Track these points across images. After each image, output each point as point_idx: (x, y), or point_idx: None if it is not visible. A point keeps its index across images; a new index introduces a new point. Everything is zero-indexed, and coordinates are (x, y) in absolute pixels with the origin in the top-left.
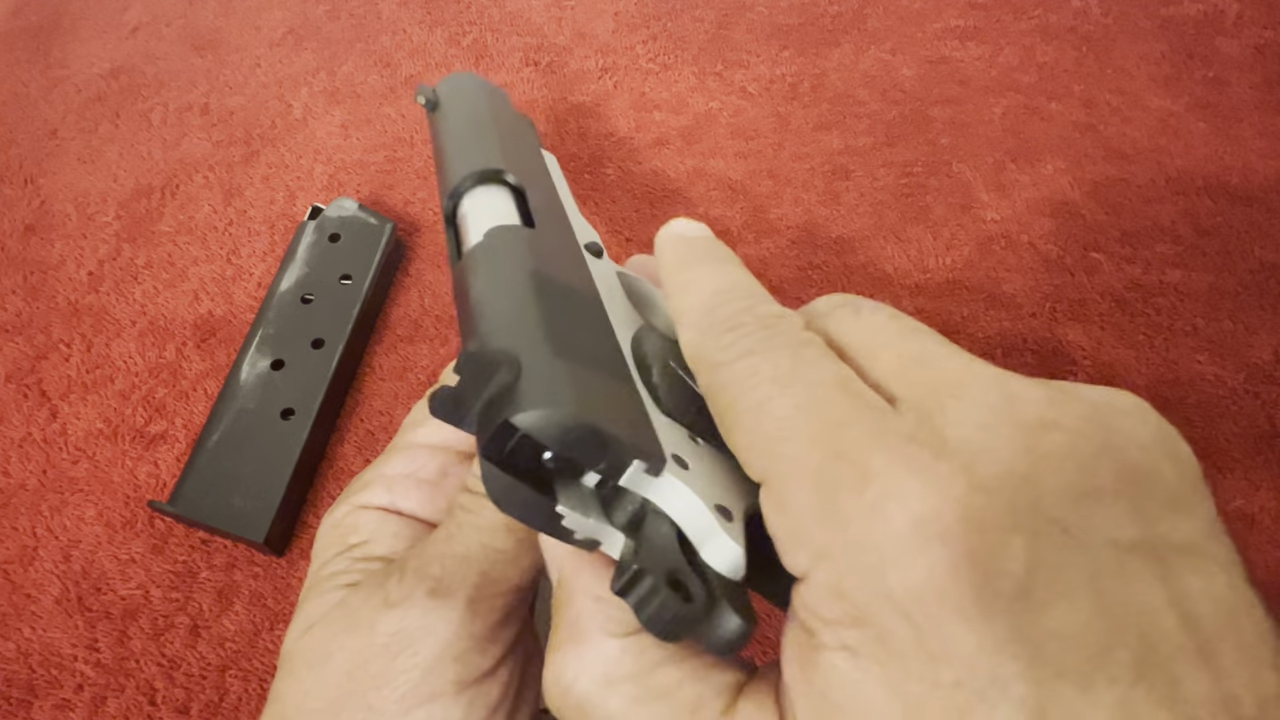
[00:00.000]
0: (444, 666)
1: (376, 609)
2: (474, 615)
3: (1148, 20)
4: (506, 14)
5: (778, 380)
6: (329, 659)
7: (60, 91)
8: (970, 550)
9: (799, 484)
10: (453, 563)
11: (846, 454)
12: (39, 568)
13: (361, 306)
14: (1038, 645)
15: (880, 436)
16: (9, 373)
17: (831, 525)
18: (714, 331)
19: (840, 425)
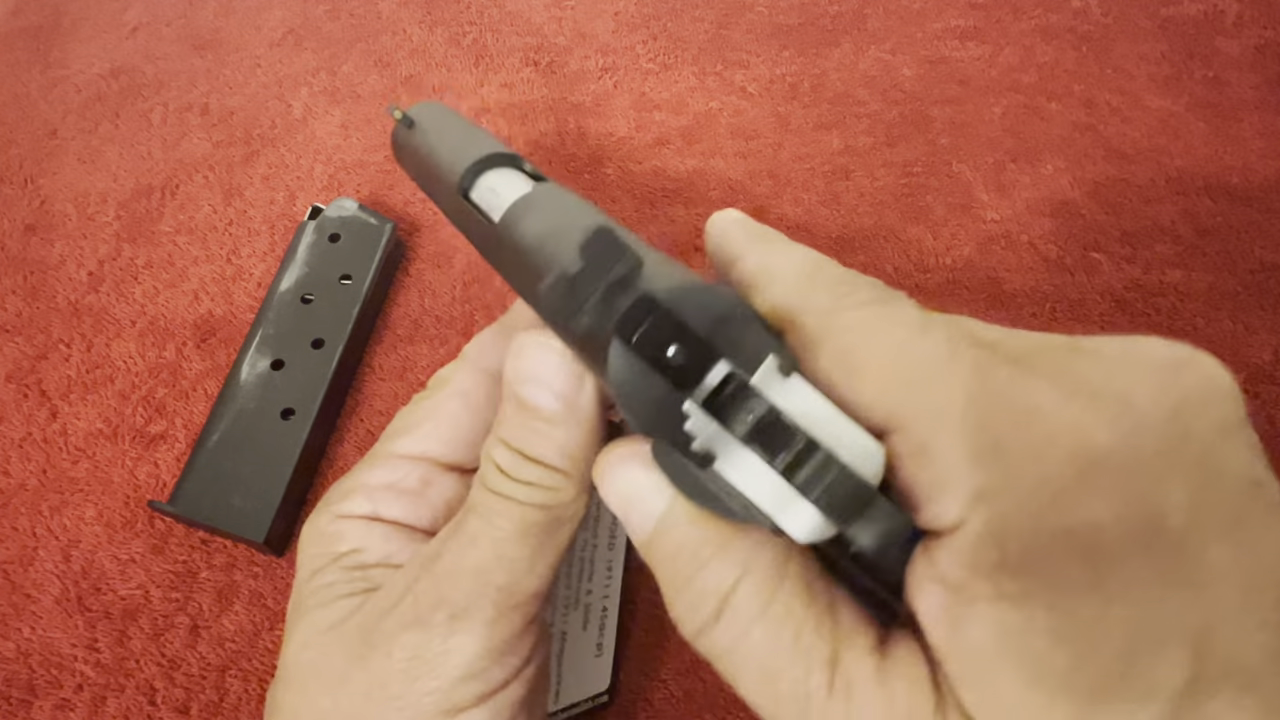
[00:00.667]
0: (465, 685)
1: (392, 632)
2: (494, 633)
3: (1148, 20)
4: (506, 14)
5: (910, 325)
6: (346, 681)
7: (60, 91)
8: (1143, 490)
9: (950, 425)
10: (468, 579)
11: (1004, 393)
12: (39, 568)
13: (361, 306)
14: (1200, 586)
15: (1034, 376)
16: (9, 373)
17: (993, 465)
18: (824, 283)
19: (988, 367)
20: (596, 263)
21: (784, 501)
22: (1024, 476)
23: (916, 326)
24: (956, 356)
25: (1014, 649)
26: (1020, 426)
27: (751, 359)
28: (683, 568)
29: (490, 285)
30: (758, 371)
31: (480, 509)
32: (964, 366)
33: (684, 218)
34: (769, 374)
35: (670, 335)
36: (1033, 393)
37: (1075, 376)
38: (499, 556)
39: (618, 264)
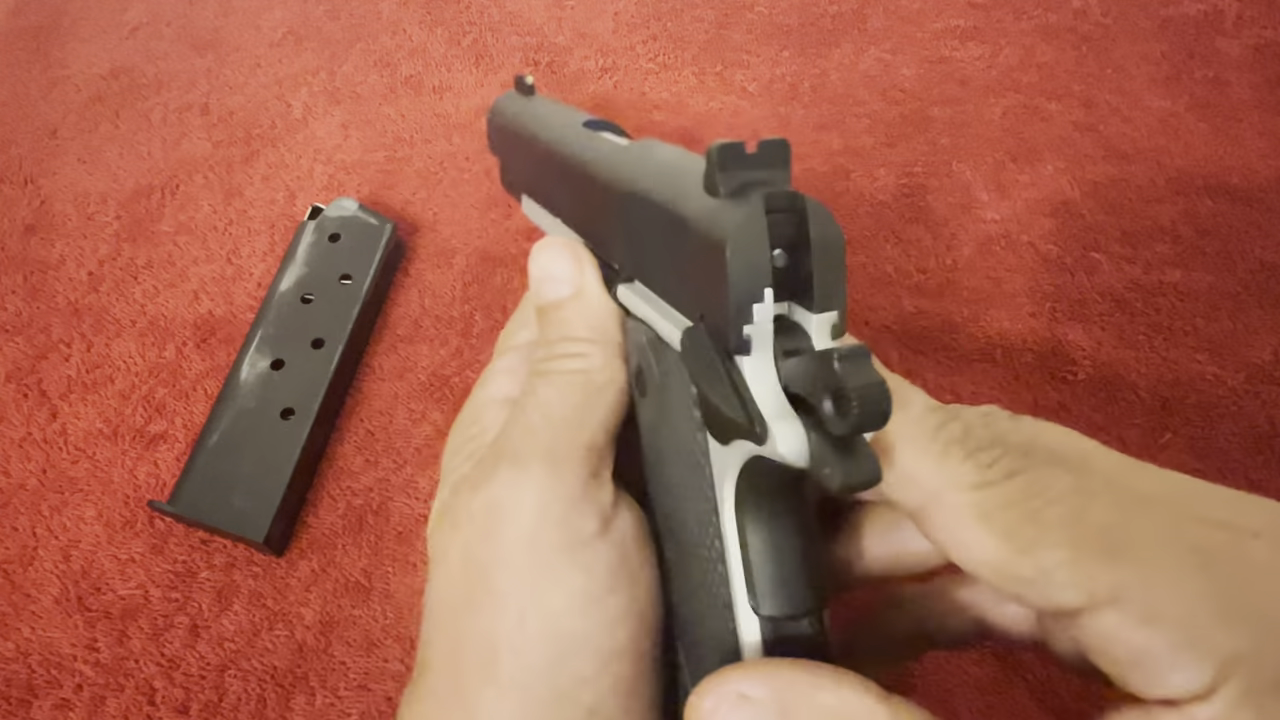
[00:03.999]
0: (546, 532)
1: (469, 496)
2: (556, 476)
3: (1148, 20)
4: (506, 14)
5: (1080, 491)
6: (445, 558)
7: (60, 91)
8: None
9: (1180, 582)
10: (522, 432)
11: (1230, 555)
12: (39, 568)
13: (361, 306)
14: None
15: (1253, 537)
16: (9, 373)
17: (1242, 626)
18: (962, 456)
19: (1204, 530)
20: (766, 155)
21: (783, 415)
22: (1274, 636)
23: (1085, 492)
24: (1156, 511)
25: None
26: (1257, 587)
27: (824, 300)
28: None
29: (489, 285)
30: (819, 318)
31: (528, 387)
32: (1182, 534)
33: None
34: (824, 325)
35: (796, 239)
36: (1258, 552)
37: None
38: (546, 417)
39: (781, 169)
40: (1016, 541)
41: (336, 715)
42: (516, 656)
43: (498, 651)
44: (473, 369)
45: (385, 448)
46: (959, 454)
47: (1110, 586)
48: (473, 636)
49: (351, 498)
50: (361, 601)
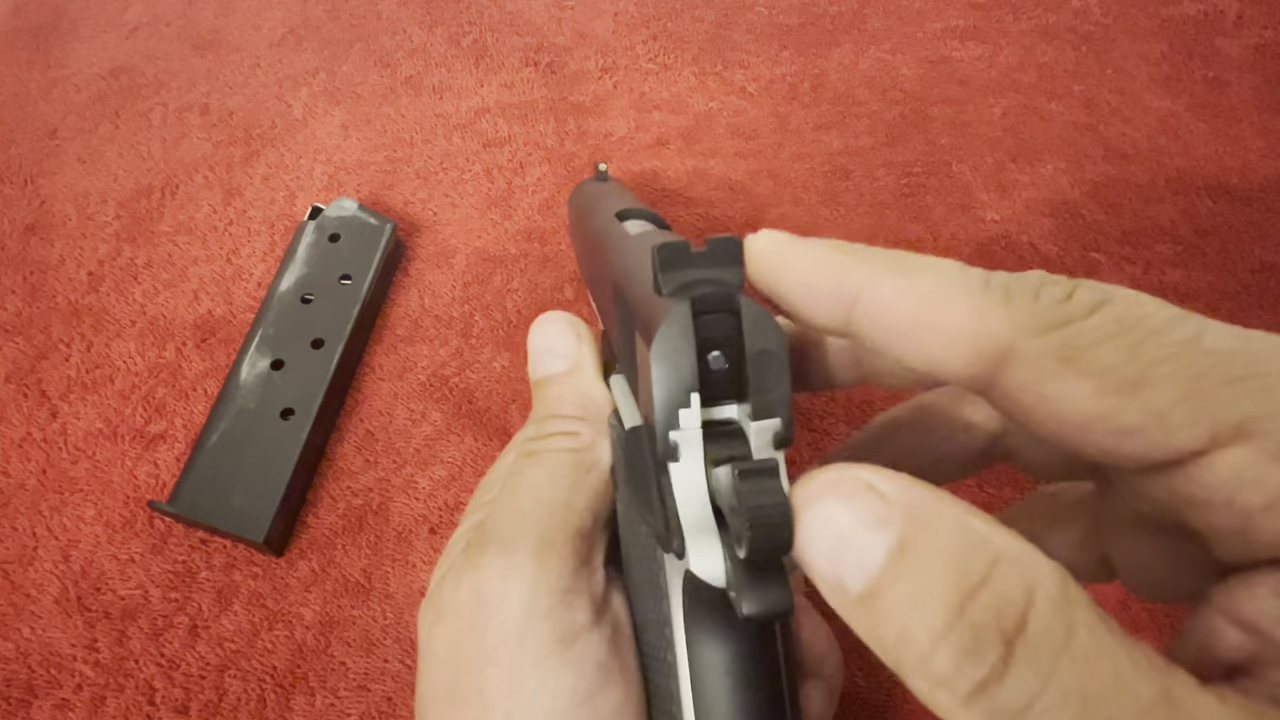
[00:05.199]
0: (533, 626)
1: (453, 588)
2: (544, 566)
3: (1148, 20)
4: (506, 14)
5: (1185, 319)
6: (432, 651)
7: (60, 91)
8: None
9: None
10: (510, 516)
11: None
12: (38, 568)
13: (361, 306)
14: None
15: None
16: (9, 373)
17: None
18: (1029, 298)
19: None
20: (716, 253)
21: (701, 530)
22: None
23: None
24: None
25: None
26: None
27: (771, 408)
28: (940, 601)
29: (489, 286)
30: (757, 425)
31: (515, 468)
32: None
33: (684, 218)
34: (764, 433)
35: (726, 339)
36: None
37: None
38: (535, 500)
39: (731, 267)
40: (1116, 382)
41: (336, 715)
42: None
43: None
44: (473, 369)
45: (385, 448)
46: (1023, 296)
47: (1238, 418)
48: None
49: (351, 498)
50: (361, 601)
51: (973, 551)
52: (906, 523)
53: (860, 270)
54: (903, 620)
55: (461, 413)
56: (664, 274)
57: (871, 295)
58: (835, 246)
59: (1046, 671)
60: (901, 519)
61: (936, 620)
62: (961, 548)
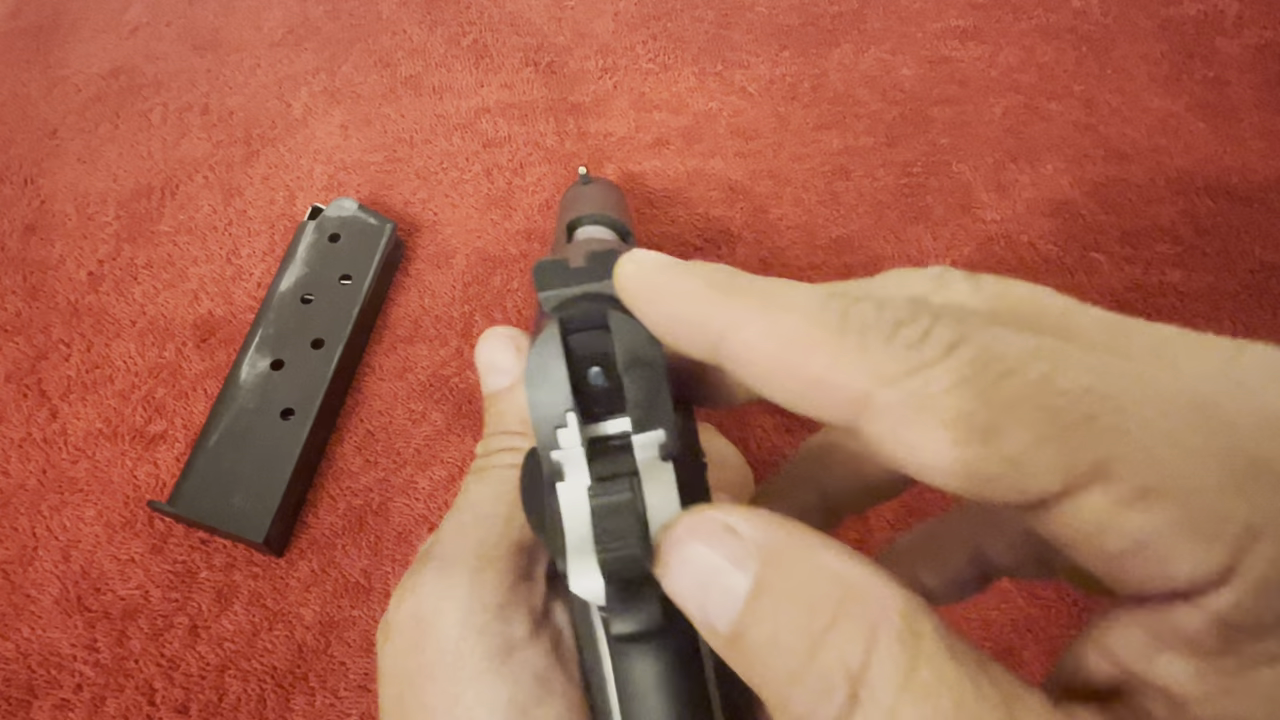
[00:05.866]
0: (470, 642)
1: (395, 607)
2: (480, 581)
3: (1148, 20)
4: (506, 14)
5: (1044, 355)
6: (381, 670)
7: (60, 91)
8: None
9: (1179, 444)
10: (451, 532)
11: (1219, 409)
12: (39, 568)
13: (361, 306)
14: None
15: (1245, 390)
16: (9, 373)
17: (1258, 495)
18: (884, 341)
19: (1190, 373)
20: (592, 266)
21: (582, 550)
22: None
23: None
24: (1167, 380)
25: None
26: (1275, 443)
27: (652, 419)
28: (793, 643)
29: (489, 286)
30: (640, 439)
31: (465, 485)
32: (1178, 390)
33: (684, 218)
34: (649, 446)
35: (603, 355)
36: (1274, 400)
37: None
38: (476, 516)
39: (606, 280)
40: (970, 430)
41: (336, 715)
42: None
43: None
44: (472, 369)
45: (385, 448)
46: (877, 340)
47: (1092, 461)
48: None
49: (351, 498)
50: (361, 601)
51: (822, 592)
52: (762, 563)
53: (725, 310)
54: (764, 661)
55: (461, 413)
56: (541, 292)
57: (735, 337)
58: (706, 279)
59: (888, 711)
60: (758, 560)
61: (791, 663)
62: (811, 588)
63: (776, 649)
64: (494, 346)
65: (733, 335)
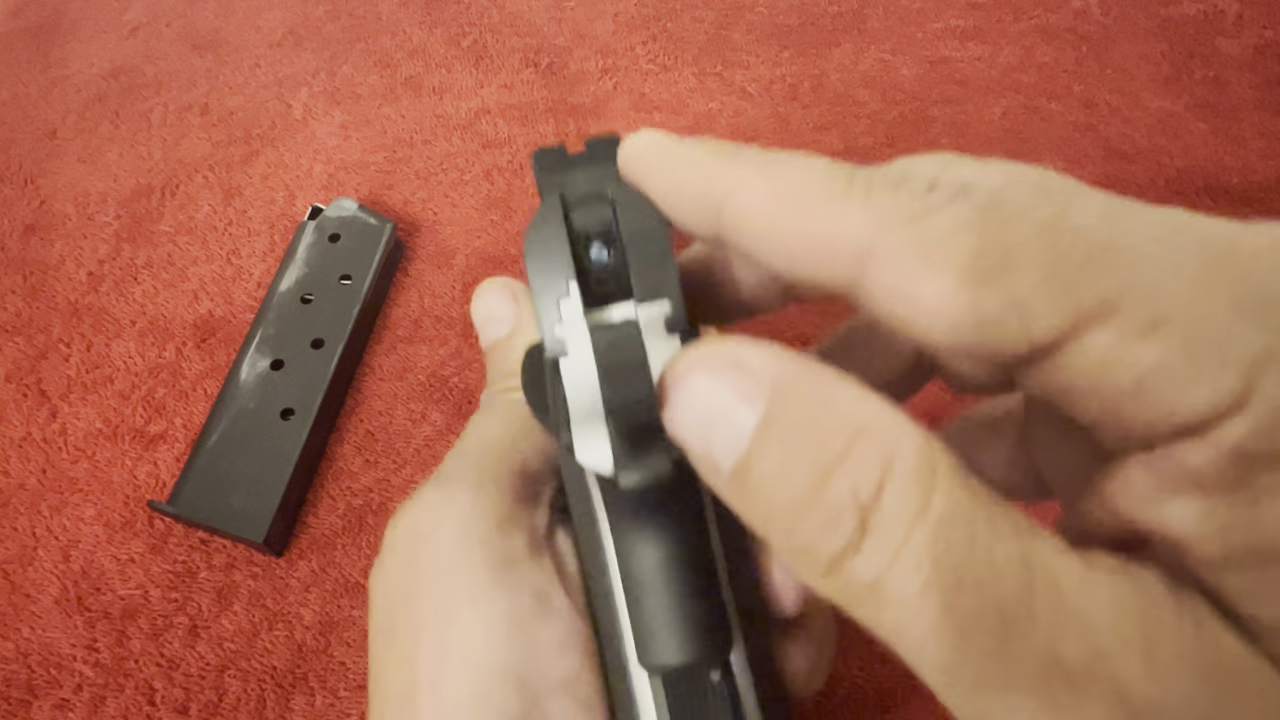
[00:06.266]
0: (469, 551)
1: (393, 527)
2: (481, 494)
3: (1148, 20)
4: (506, 15)
5: (1052, 199)
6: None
7: (60, 91)
8: None
9: (1187, 276)
10: (453, 458)
11: (1227, 241)
12: (38, 568)
13: (361, 306)
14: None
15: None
16: (9, 373)
17: (1268, 320)
18: (890, 191)
19: (1195, 220)
20: (592, 152)
21: (588, 419)
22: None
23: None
24: (1172, 223)
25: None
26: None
27: (649, 290)
28: (802, 476)
29: None
30: (646, 307)
31: (470, 421)
32: (1183, 230)
33: None
34: (655, 318)
35: (604, 229)
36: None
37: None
38: (480, 441)
39: (611, 165)
40: (975, 271)
41: (336, 715)
42: (434, 693)
43: (416, 688)
44: (472, 369)
45: (385, 448)
46: (883, 189)
47: (1100, 297)
48: (392, 674)
49: (351, 498)
50: (361, 601)
51: (835, 423)
52: (772, 397)
53: (728, 173)
54: (769, 495)
55: (461, 413)
56: (541, 176)
57: (736, 199)
58: (709, 148)
59: (898, 541)
60: (768, 393)
61: (799, 495)
62: (824, 420)
63: (783, 482)
64: (490, 297)
65: (735, 198)
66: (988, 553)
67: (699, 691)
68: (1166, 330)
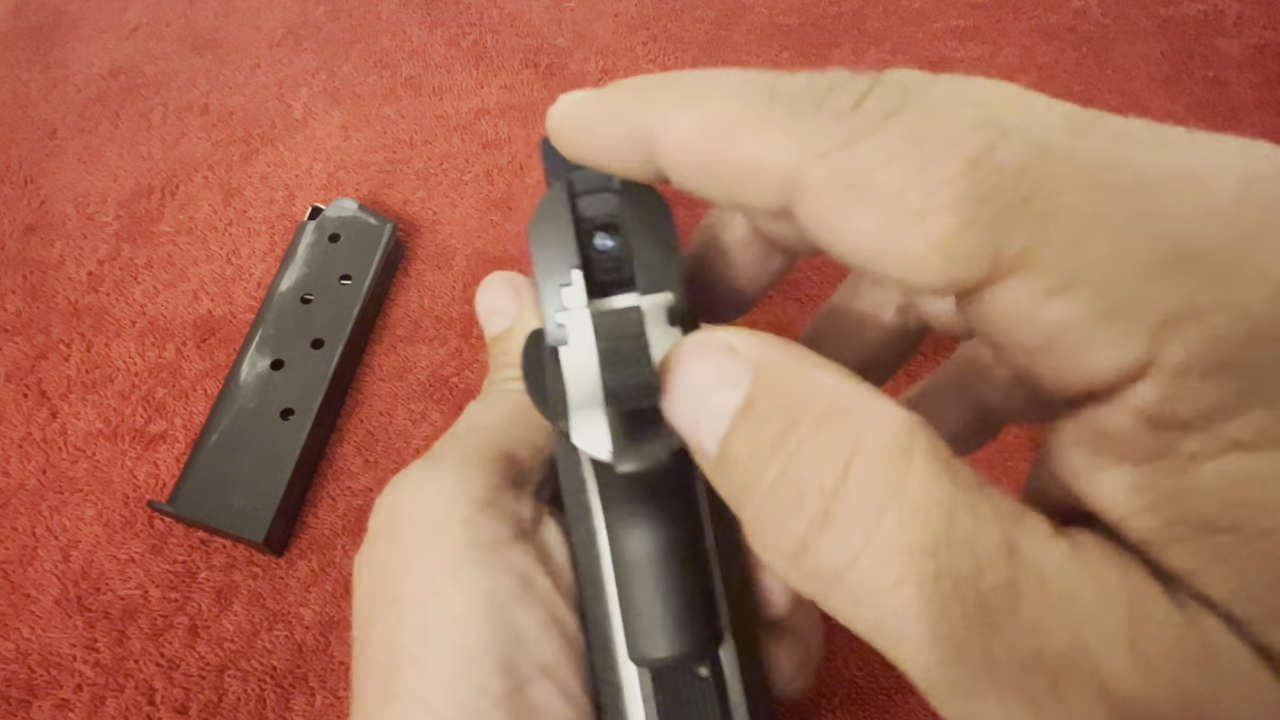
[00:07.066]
0: (451, 530)
1: (376, 508)
2: (466, 477)
3: (1148, 20)
4: (506, 15)
5: (983, 128)
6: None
7: (60, 91)
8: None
9: (1103, 231)
10: (442, 443)
11: (1138, 199)
12: (38, 568)
13: (361, 306)
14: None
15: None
16: (9, 373)
17: (1179, 277)
18: (813, 112)
19: (1124, 157)
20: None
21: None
22: (1223, 282)
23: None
24: (1099, 162)
25: (1259, 498)
26: (1201, 226)
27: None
28: (770, 455)
29: None
30: (650, 299)
31: (466, 409)
32: (1109, 170)
33: (684, 219)
34: (657, 310)
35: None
36: (1205, 185)
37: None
38: (470, 425)
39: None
40: (899, 211)
41: (336, 715)
42: (417, 668)
43: (398, 664)
44: (472, 369)
45: (385, 448)
46: (806, 111)
47: (1019, 249)
48: (375, 651)
49: (351, 498)
50: None
51: (806, 405)
52: (754, 380)
53: (652, 110)
54: (743, 477)
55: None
56: (549, 165)
57: (664, 135)
58: (631, 87)
59: (868, 527)
60: (751, 377)
61: (766, 479)
62: (797, 401)
63: (755, 464)
64: (494, 291)
65: (662, 135)
66: (968, 541)
67: (687, 685)
68: (1077, 288)
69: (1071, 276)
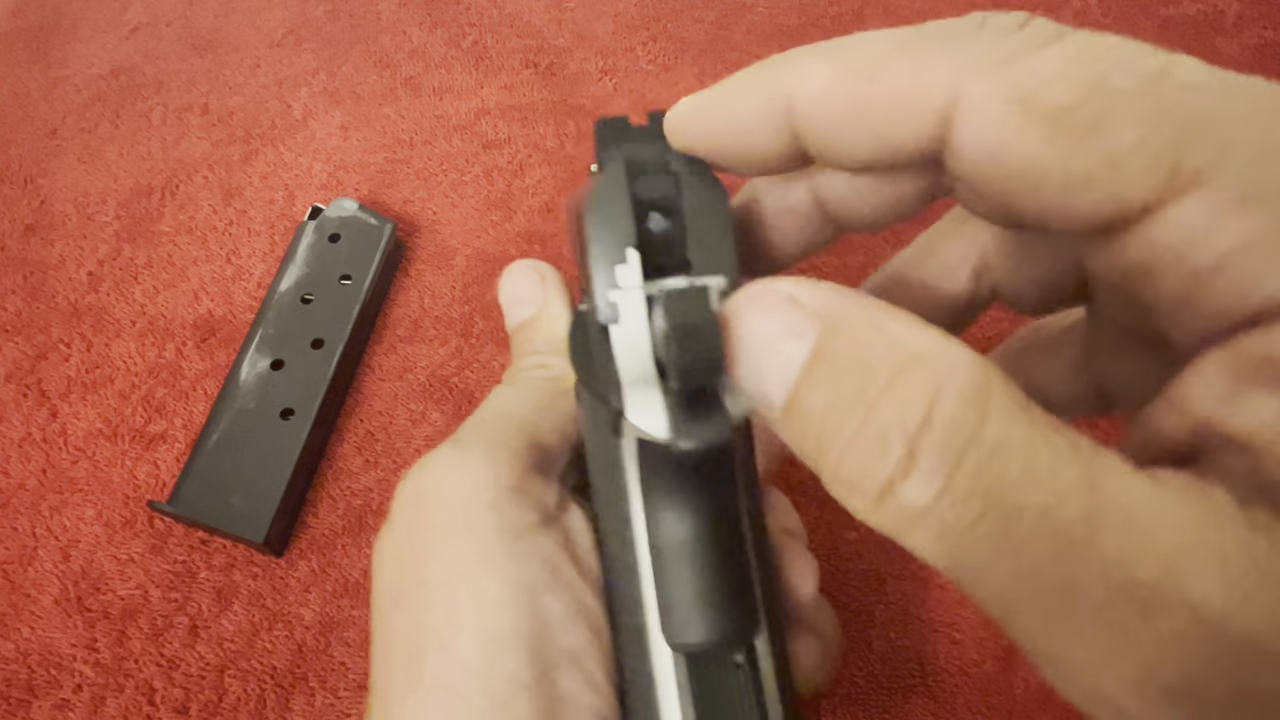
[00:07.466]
0: (480, 515)
1: (399, 493)
2: (492, 462)
3: (1148, 20)
4: (506, 15)
5: (1158, 53)
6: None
7: (60, 91)
8: None
9: (1263, 159)
10: (467, 428)
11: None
12: (38, 568)
13: (361, 306)
14: None
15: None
16: (9, 373)
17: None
18: (973, 31)
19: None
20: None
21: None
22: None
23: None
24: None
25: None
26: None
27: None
28: (850, 405)
29: (489, 286)
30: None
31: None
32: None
33: None
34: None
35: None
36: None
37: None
38: (497, 412)
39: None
40: (1071, 125)
41: (336, 715)
42: (444, 654)
43: (424, 650)
44: (472, 369)
45: (385, 448)
46: (966, 31)
47: (1197, 166)
48: (400, 637)
49: (351, 498)
50: (361, 601)
51: (882, 354)
52: (822, 331)
53: (785, 73)
54: (819, 428)
55: (461, 413)
56: (602, 148)
57: (803, 94)
58: (754, 67)
59: (950, 466)
60: (817, 327)
61: (847, 425)
62: (872, 351)
63: (831, 414)
64: (518, 278)
65: (801, 93)
66: (1048, 477)
67: (722, 674)
68: (1258, 208)
69: (1252, 195)
